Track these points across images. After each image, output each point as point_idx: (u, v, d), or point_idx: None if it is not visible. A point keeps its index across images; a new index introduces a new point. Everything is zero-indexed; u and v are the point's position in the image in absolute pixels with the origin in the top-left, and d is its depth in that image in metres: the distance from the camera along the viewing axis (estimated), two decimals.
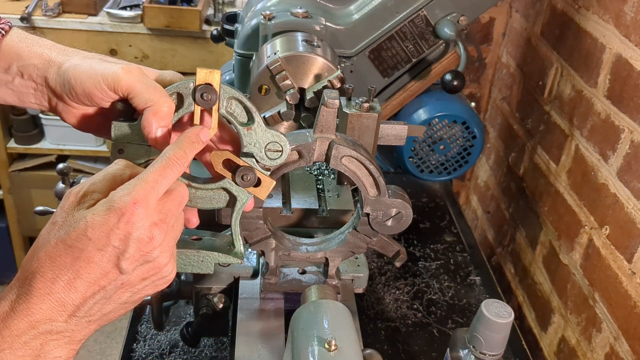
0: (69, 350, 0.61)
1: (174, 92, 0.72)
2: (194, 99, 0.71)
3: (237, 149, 0.76)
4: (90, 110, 0.76)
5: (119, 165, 0.66)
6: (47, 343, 0.59)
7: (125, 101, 0.72)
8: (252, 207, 0.78)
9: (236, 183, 0.74)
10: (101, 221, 0.59)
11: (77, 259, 0.59)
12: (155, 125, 0.69)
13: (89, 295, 0.60)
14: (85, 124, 0.78)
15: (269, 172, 0.76)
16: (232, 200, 0.76)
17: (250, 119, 0.74)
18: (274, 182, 0.76)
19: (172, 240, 0.66)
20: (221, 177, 0.75)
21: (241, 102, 0.73)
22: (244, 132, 0.74)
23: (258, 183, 0.75)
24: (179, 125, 0.75)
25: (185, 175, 0.75)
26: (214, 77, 0.70)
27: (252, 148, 0.74)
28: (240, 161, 0.74)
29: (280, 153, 0.75)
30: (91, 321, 0.62)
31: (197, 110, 0.71)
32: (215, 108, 0.71)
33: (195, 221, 0.78)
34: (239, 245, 0.78)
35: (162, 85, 0.71)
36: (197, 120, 0.71)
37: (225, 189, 0.76)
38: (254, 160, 0.75)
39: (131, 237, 0.60)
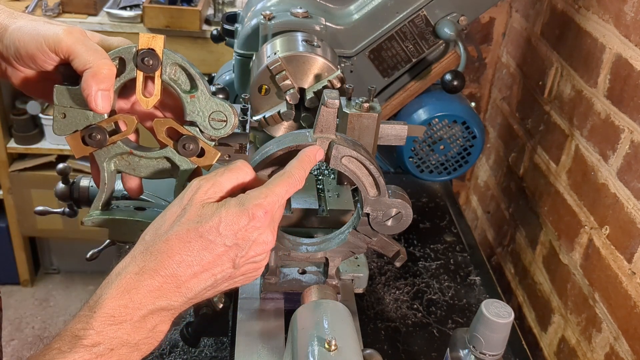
0: (169, 325, 0.66)
1: (116, 57, 0.70)
2: (136, 64, 0.69)
3: (182, 118, 0.74)
4: (37, 73, 0.75)
5: (244, 170, 0.70)
6: (162, 322, 0.64)
7: (68, 65, 0.70)
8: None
9: (178, 152, 0.73)
10: (233, 220, 0.64)
11: (205, 249, 0.64)
12: (95, 88, 0.67)
13: (208, 286, 0.66)
14: (33, 88, 0.77)
15: (213, 143, 0.74)
16: (175, 169, 0.75)
17: (194, 86, 0.72)
18: (219, 153, 0.74)
19: None
20: (164, 146, 0.73)
21: (185, 70, 0.71)
22: (187, 99, 0.72)
23: (202, 153, 0.73)
24: (124, 92, 0.73)
25: (127, 143, 0.73)
26: (157, 42, 0.68)
27: (196, 117, 0.73)
28: (184, 130, 0.72)
29: (225, 123, 0.73)
30: (193, 302, 0.67)
31: (140, 76, 0.70)
32: (157, 74, 0.70)
33: (137, 190, 0.79)
34: None
35: (106, 50, 0.70)
36: (139, 86, 0.70)
37: (167, 158, 0.74)
38: (197, 129, 0.73)
39: (254, 239, 0.66)
